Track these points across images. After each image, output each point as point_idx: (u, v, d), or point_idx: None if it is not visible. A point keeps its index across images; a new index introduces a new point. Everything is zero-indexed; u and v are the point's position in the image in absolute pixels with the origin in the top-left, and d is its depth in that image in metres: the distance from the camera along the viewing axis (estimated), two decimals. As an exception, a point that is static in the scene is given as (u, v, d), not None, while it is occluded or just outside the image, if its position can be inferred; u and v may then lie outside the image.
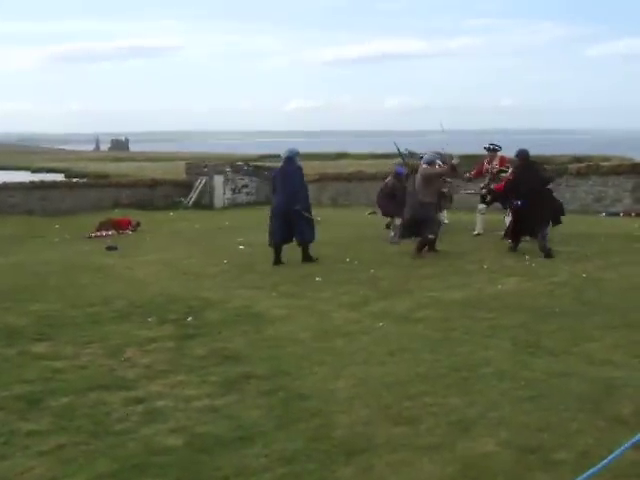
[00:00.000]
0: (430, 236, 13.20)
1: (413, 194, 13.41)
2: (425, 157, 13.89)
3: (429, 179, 13.24)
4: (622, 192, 21.08)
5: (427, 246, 13.23)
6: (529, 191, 12.66)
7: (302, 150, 14.95)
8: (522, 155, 13.11)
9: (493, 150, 15.57)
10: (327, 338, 7.69)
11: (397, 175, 15.80)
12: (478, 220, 15.63)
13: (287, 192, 12.85)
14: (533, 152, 14.36)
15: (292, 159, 13.11)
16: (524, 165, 13.02)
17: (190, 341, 7.80)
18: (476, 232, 15.49)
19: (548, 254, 12.27)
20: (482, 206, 15.59)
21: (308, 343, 7.53)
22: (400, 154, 16.17)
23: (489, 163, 15.51)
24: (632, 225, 16.55)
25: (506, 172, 14.57)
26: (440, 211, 15.12)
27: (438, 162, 14.41)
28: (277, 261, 12.89)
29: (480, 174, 15.71)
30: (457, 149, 15.59)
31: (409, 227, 13.48)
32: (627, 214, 19.96)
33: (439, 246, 13.47)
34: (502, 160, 15.59)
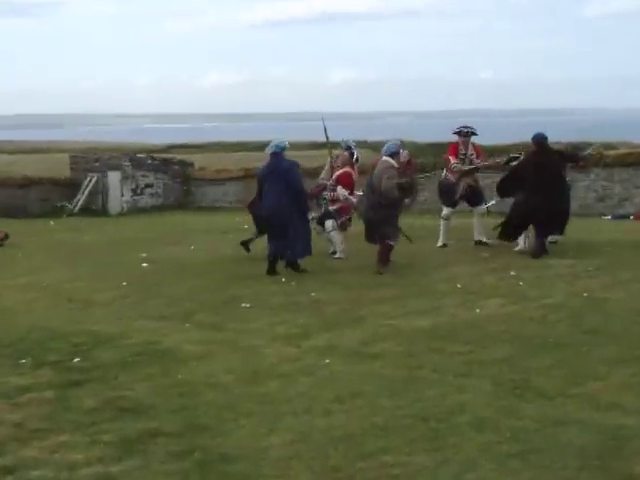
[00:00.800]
0: (391, 242, 13.35)
1: (371, 192, 13.51)
2: (386, 147, 14.01)
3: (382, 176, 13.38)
4: (632, 189, 21.55)
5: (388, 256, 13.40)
6: (541, 181, 13.38)
7: (223, 138, 15.00)
8: (537, 139, 13.95)
9: (467, 134, 15.73)
10: (257, 381, 7.65)
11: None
12: (442, 228, 15.77)
13: (282, 193, 13.36)
14: (516, 140, 14.58)
15: (280, 154, 13.96)
16: (537, 152, 13.76)
17: (76, 389, 7.68)
18: (440, 243, 15.61)
19: (542, 252, 13.13)
20: (447, 211, 15.74)
21: (232, 388, 7.48)
22: (327, 140, 16.35)
23: (464, 149, 15.61)
24: (644, 231, 16.91)
25: (517, 158, 14.80)
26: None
27: (403, 154, 14.57)
28: (271, 270, 13.44)
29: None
30: (423, 136, 15.75)
31: (367, 232, 13.62)
32: (639, 217, 20.37)
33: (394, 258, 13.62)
34: (477, 149, 15.81)
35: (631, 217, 20.39)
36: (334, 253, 15.08)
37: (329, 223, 15.08)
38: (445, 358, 8.13)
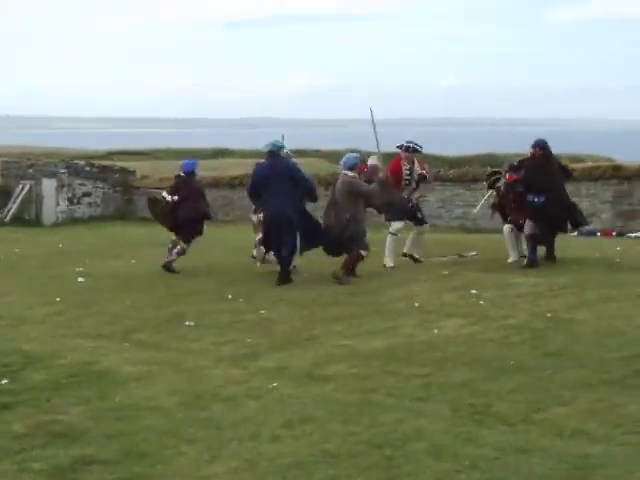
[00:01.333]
0: (363, 252, 13.75)
1: (334, 209, 13.72)
2: (344, 160, 14.14)
3: (351, 191, 13.58)
4: (599, 204, 21.83)
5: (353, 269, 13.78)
6: (549, 188, 14.15)
7: (168, 144, 15.03)
8: (541, 144, 14.38)
9: (413, 151, 15.91)
10: (200, 405, 7.60)
11: None
12: (388, 245, 15.65)
13: (289, 193, 13.84)
14: (481, 150, 14.73)
15: (278, 152, 14.37)
16: (544, 156, 14.33)
17: (4, 413, 7.58)
18: (389, 264, 15.54)
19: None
20: (398, 225, 15.74)
21: (174, 412, 7.42)
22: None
23: (408, 164, 15.73)
24: (612, 249, 17.07)
25: (500, 178, 15.13)
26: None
27: (371, 161, 14.80)
28: (286, 278, 13.96)
29: (397, 180, 15.56)
30: (385, 145, 15.84)
31: (333, 246, 13.91)
32: (606, 233, 20.62)
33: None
34: (421, 163, 16.00)
35: (598, 234, 20.62)
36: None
37: None
38: (401, 381, 8.14)
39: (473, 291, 12.60)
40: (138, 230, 25.34)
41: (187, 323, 11.07)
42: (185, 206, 15.73)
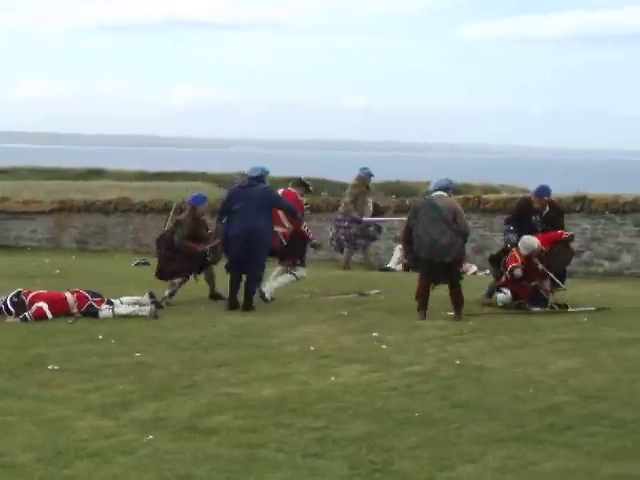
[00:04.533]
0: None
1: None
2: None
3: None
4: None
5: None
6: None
7: (35, 162, 14.89)
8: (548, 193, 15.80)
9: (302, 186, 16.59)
10: (62, 461, 7.45)
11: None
12: (285, 282, 16.15)
13: (264, 218, 15.02)
14: (384, 177, 14.98)
15: (262, 177, 15.59)
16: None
17: None
18: (268, 296, 15.87)
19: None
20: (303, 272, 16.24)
21: (31, 470, 7.26)
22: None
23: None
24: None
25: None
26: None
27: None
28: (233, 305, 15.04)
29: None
30: (280, 170, 16.08)
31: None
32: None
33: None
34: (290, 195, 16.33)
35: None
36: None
37: None
38: (293, 435, 8.12)
39: (375, 334, 12.66)
40: (-4, 259, 24.85)
41: (50, 367, 10.85)
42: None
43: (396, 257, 22.55)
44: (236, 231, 14.94)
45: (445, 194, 14.55)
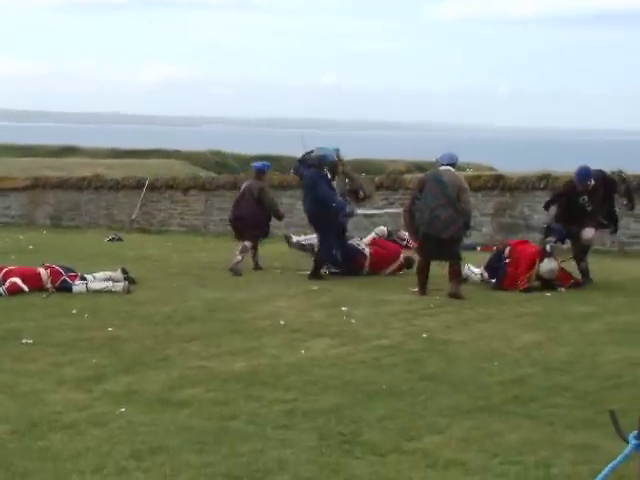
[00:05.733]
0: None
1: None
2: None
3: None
4: (480, 216, 22.22)
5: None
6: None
7: (7, 139, 14.76)
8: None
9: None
10: (36, 434, 7.43)
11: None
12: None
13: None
14: (354, 155, 14.99)
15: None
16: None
17: None
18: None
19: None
20: None
21: (6, 442, 7.23)
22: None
23: None
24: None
25: None
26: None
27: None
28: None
29: None
30: (246, 147, 16.00)
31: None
32: (487, 248, 20.97)
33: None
34: None
35: (478, 248, 20.97)
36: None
37: None
38: (264, 407, 8.12)
39: (344, 308, 12.69)
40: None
41: (24, 341, 10.80)
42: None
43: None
44: None
45: (452, 169, 14.48)
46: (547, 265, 14.56)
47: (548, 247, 14.70)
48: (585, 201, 15.12)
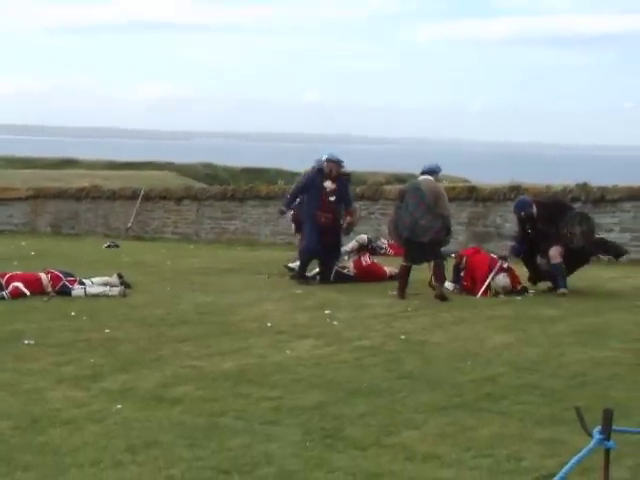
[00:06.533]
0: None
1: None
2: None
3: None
4: (455, 225, 22.24)
5: None
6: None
7: (10, 152, 14.69)
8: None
9: None
10: (37, 429, 7.41)
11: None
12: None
13: None
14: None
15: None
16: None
17: None
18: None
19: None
20: None
21: (8, 437, 7.21)
22: None
23: None
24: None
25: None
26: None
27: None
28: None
29: None
30: (237, 161, 15.98)
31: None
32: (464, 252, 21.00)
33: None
34: None
35: (452, 255, 20.97)
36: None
37: None
38: (251, 404, 8.12)
39: (327, 311, 12.69)
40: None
41: (26, 342, 10.77)
42: None
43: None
44: None
45: (431, 177, 14.49)
46: (502, 281, 14.57)
47: (505, 264, 14.72)
48: (528, 228, 15.02)
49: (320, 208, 15.77)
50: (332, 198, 15.78)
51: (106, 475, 6.35)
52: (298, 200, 16.38)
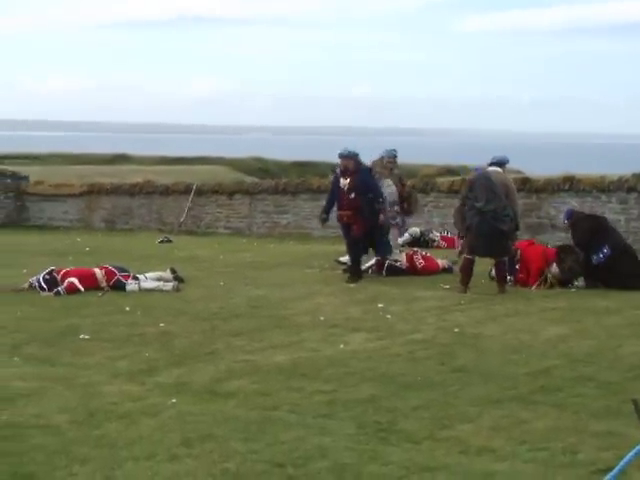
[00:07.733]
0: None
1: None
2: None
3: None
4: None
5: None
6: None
7: (64, 149, 14.88)
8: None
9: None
10: (94, 423, 7.48)
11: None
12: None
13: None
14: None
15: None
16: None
17: None
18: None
19: None
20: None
21: (65, 431, 7.28)
22: None
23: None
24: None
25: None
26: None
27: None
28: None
29: None
30: (285, 154, 16.00)
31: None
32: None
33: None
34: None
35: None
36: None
37: None
38: (305, 397, 8.13)
39: (380, 305, 12.68)
40: (30, 239, 24.87)
41: (81, 336, 10.89)
42: None
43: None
44: None
45: (500, 169, 14.33)
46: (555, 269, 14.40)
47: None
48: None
49: (341, 207, 15.58)
50: (351, 195, 15.35)
51: (162, 468, 6.39)
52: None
